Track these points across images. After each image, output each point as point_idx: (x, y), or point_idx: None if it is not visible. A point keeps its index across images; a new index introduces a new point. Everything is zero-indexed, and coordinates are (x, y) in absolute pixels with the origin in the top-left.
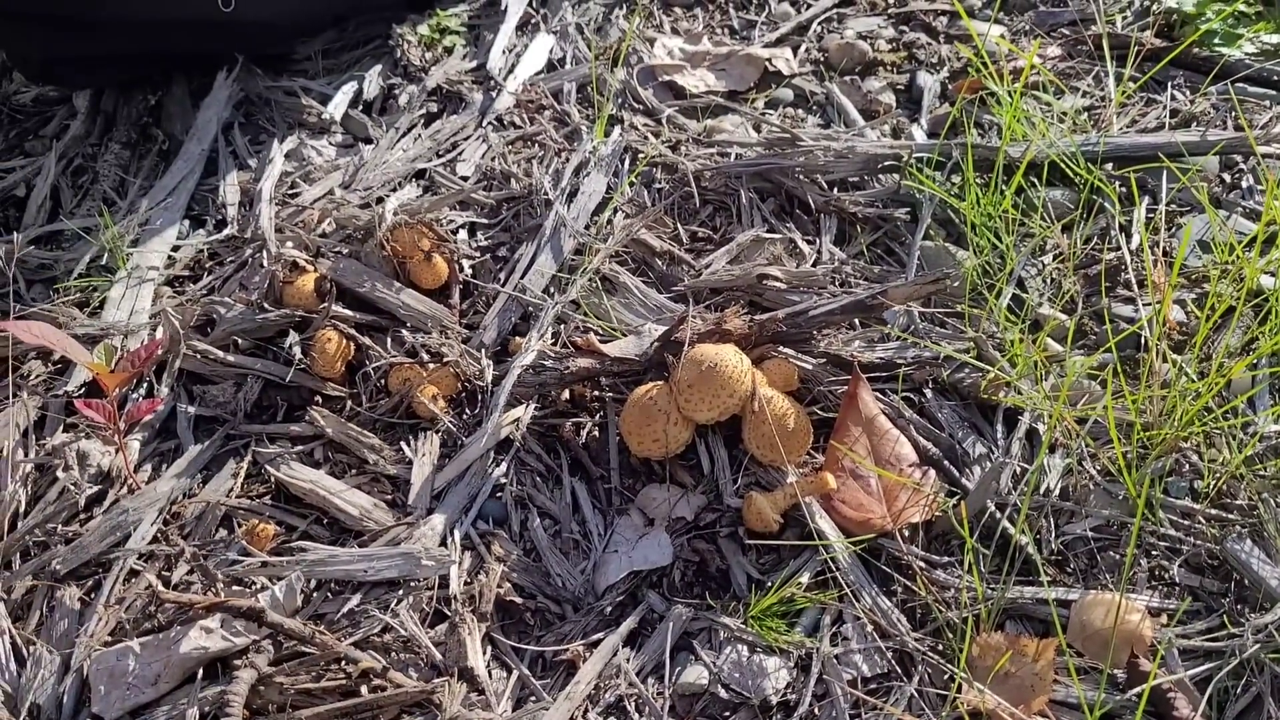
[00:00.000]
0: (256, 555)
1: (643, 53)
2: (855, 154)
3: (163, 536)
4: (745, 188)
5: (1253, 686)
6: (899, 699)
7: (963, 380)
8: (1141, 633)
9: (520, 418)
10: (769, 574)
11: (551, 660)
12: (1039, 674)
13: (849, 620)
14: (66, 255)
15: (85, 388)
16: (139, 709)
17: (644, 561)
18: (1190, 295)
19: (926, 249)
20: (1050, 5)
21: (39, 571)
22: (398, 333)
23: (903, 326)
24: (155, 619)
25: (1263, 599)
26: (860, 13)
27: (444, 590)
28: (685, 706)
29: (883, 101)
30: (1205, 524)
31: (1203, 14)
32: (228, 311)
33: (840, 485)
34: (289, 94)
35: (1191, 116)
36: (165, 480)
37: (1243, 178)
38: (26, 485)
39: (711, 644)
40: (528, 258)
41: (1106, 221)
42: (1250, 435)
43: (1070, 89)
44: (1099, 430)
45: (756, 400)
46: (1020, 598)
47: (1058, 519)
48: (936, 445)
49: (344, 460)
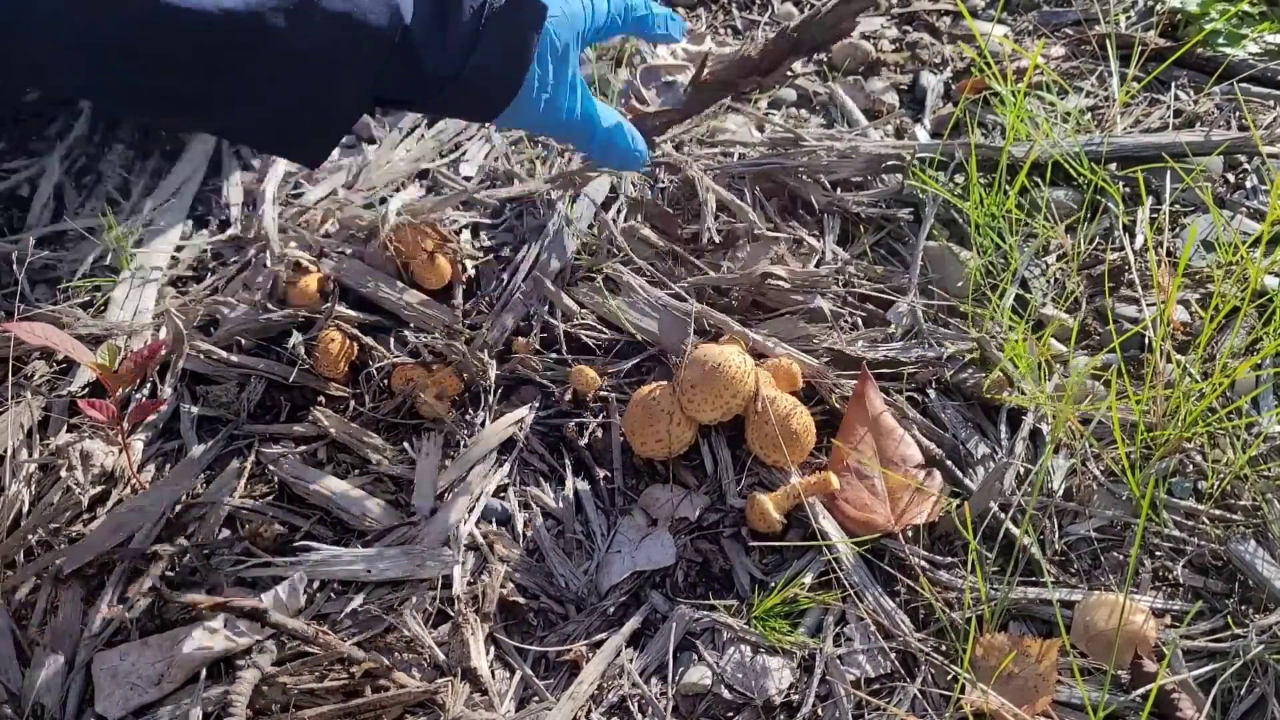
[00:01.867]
0: (260, 555)
1: (646, 53)
2: (859, 154)
3: (166, 536)
4: (749, 187)
5: (1256, 687)
6: (902, 699)
7: (966, 380)
8: (1145, 633)
9: (524, 418)
10: (772, 574)
11: (554, 660)
12: (1042, 675)
13: (852, 621)
14: (70, 255)
15: (89, 388)
16: (142, 709)
17: (647, 562)
18: (1194, 296)
19: (930, 249)
20: (1054, 5)
21: (42, 571)
22: (401, 333)
23: (906, 327)
24: (159, 619)
25: (1267, 600)
26: (863, 13)
27: (447, 590)
28: (688, 707)
29: (886, 102)
30: (1209, 525)
31: (1207, 14)
32: (231, 312)
33: (845, 485)
34: None
35: (1195, 117)
36: (169, 480)
37: (1247, 178)
38: (30, 485)
39: (715, 644)
40: (531, 258)
41: (1110, 222)
42: (1254, 436)
43: (1074, 89)
44: (1103, 431)
45: (760, 400)
46: (1024, 598)
47: (1061, 519)
48: (940, 445)
49: (347, 460)
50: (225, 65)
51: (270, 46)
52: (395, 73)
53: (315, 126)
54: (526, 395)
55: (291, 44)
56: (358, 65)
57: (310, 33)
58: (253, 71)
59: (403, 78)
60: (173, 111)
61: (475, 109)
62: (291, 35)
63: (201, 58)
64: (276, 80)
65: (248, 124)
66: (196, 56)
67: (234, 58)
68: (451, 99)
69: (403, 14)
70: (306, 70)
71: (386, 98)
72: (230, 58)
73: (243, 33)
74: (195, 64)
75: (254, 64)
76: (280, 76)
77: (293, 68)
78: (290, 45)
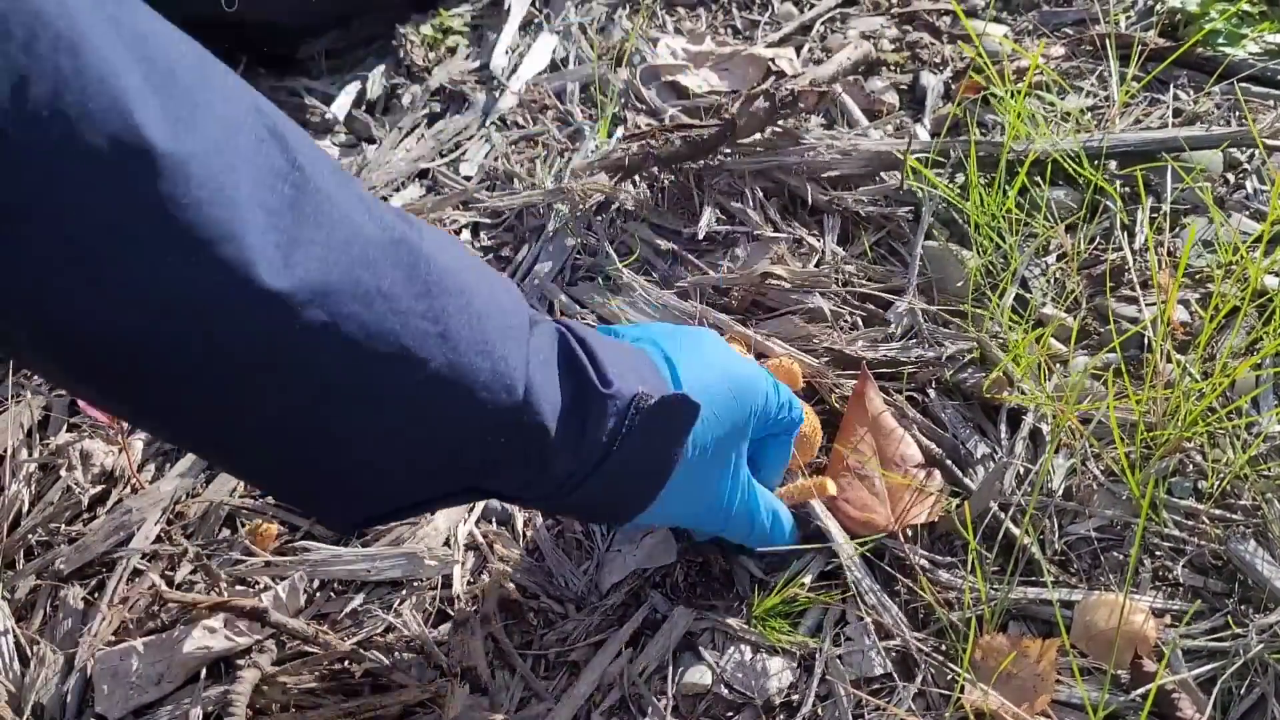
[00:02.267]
0: (260, 555)
1: (645, 52)
2: (858, 152)
3: (166, 536)
4: (749, 187)
5: (1257, 687)
6: (902, 699)
7: (966, 380)
8: (1145, 633)
9: None
10: (772, 574)
11: (554, 660)
12: (1041, 675)
13: (852, 621)
14: None
15: None
16: (142, 708)
17: (647, 561)
18: (1194, 295)
19: (929, 248)
20: (1054, 5)
21: (42, 571)
22: None
23: (906, 326)
24: (159, 618)
25: (1267, 599)
26: (863, 13)
27: (447, 590)
28: (689, 707)
29: (886, 101)
30: (1209, 524)
31: (1206, 13)
32: None
33: (845, 485)
34: (292, 94)
35: (1195, 116)
36: (169, 480)
37: (1247, 178)
38: (30, 484)
39: (715, 644)
40: (531, 258)
41: (1110, 221)
42: (1254, 436)
43: (1074, 89)
44: (1102, 430)
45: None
46: (1024, 598)
47: (1061, 519)
48: (940, 445)
49: None
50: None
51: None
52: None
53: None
54: None
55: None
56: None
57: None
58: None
59: (521, 470)
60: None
61: (609, 510)
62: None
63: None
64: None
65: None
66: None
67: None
68: (580, 500)
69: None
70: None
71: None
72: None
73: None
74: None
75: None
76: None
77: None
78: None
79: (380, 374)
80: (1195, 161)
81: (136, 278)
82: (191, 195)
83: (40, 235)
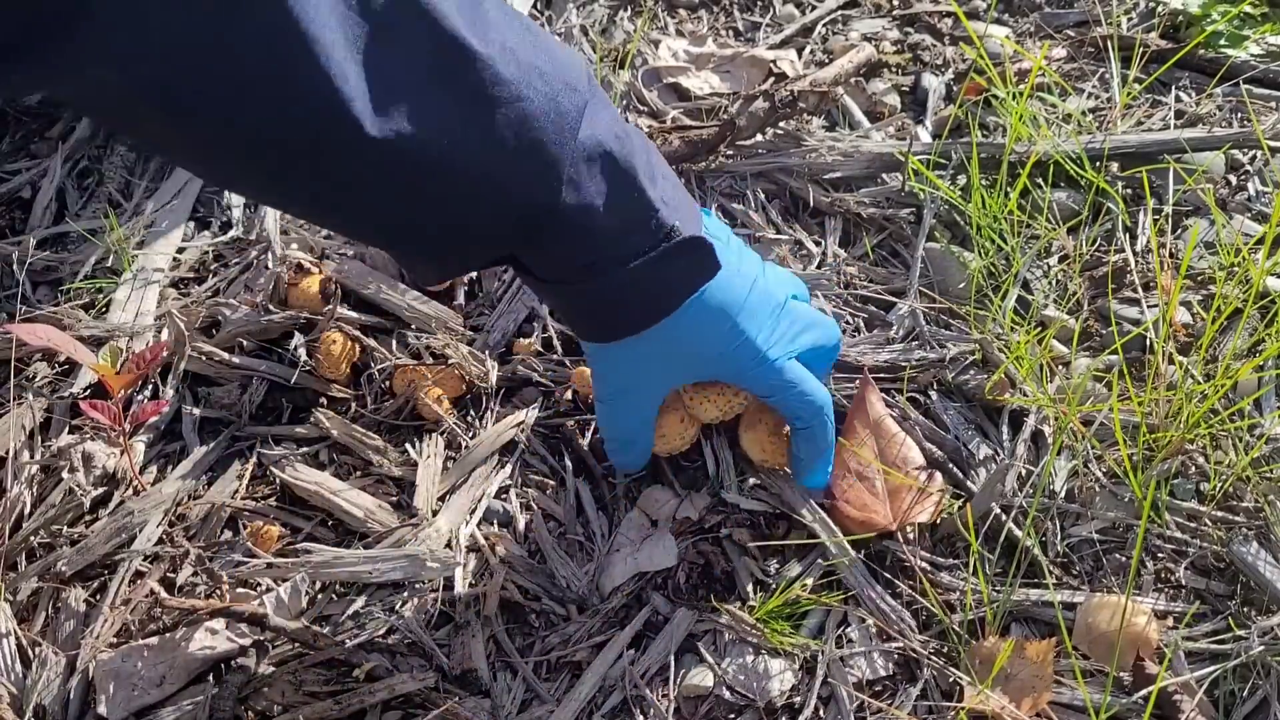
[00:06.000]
0: (261, 557)
1: (647, 54)
2: (860, 154)
3: (168, 538)
4: (750, 188)
5: (1259, 689)
6: (904, 701)
7: (968, 382)
8: (1147, 635)
9: (525, 420)
10: (773, 576)
11: (556, 662)
12: (1040, 674)
13: (854, 623)
14: (72, 257)
15: (90, 389)
16: (145, 710)
17: (649, 563)
18: (1196, 297)
19: (931, 250)
20: (1055, 6)
21: (44, 573)
22: (402, 334)
23: (908, 328)
24: (160, 620)
25: (1269, 601)
26: (865, 15)
27: (448, 592)
28: (690, 709)
29: (887, 103)
30: (1211, 526)
31: (1208, 15)
32: (233, 313)
33: (845, 486)
34: None
35: (1197, 118)
36: (170, 482)
37: (1249, 180)
38: (32, 487)
39: (716, 646)
40: None
41: (1112, 223)
42: (1257, 437)
43: (1075, 90)
44: (1104, 432)
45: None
46: (1026, 600)
47: (1063, 521)
48: (941, 447)
49: (349, 462)
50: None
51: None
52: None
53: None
54: (528, 396)
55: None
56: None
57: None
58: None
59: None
60: (286, 205)
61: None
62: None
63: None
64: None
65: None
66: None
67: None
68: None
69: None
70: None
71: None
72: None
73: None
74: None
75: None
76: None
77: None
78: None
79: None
80: (1197, 163)
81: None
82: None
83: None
